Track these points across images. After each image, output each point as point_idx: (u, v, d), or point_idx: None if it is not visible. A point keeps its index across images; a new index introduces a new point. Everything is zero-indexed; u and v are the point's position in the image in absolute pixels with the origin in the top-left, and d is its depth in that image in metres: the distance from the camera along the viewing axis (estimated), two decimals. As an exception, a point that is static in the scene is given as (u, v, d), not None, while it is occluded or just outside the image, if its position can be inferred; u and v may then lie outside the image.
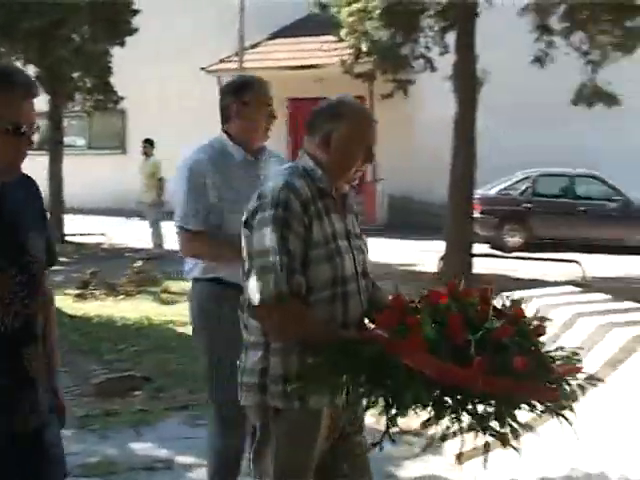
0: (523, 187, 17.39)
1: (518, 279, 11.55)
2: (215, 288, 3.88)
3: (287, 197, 2.76)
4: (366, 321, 2.93)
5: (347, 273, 2.90)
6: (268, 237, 2.74)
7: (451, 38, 12.58)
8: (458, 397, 2.55)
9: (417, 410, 2.56)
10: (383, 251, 14.95)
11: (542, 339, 2.82)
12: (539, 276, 12.07)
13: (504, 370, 2.55)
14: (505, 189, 17.52)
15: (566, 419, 2.65)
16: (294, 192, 2.78)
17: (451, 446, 5.50)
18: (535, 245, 16.61)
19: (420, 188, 19.16)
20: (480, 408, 2.57)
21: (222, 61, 21.13)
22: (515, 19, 13.01)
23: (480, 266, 12.79)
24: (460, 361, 2.53)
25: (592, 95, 12.29)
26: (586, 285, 10.70)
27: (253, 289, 2.76)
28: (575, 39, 12.28)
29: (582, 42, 12.26)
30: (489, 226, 16.83)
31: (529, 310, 2.97)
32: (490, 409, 2.57)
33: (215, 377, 3.93)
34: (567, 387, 2.68)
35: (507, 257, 14.76)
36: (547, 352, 2.79)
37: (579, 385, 2.70)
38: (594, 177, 17.57)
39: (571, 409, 2.67)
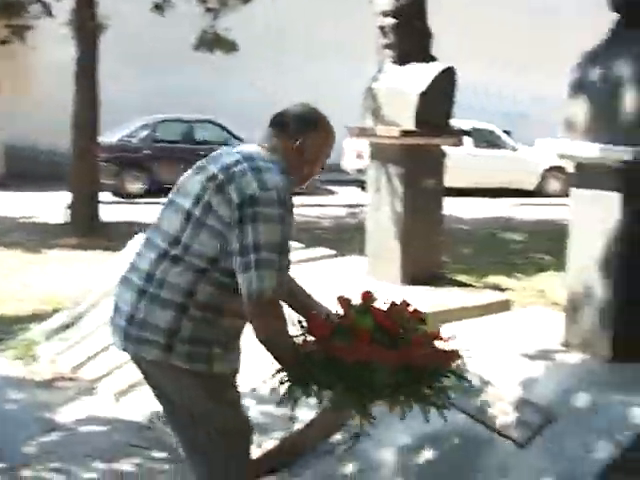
0: (143, 134, 17.50)
1: (148, 224, 11.68)
2: None
3: (289, 199, 2.84)
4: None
5: None
6: (277, 234, 2.78)
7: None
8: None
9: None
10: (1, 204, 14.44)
11: None
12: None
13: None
14: (126, 136, 17.51)
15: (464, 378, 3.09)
16: (290, 194, 2.87)
17: (105, 385, 5.64)
18: (158, 191, 16.88)
19: (44, 137, 18.42)
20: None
21: None
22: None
23: (107, 214, 12.82)
24: (395, 345, 2.92)
25: (212, 42, 12.72)
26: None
27: (256, 279, 2.75)
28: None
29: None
30: (111, 174, 16.80)
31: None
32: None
33: None
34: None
35: (134, 203, 14.88)
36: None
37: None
38: (211, 122, 18.24)
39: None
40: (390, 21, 5.34)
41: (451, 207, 16.09)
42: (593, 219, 3.99)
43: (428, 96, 5.18)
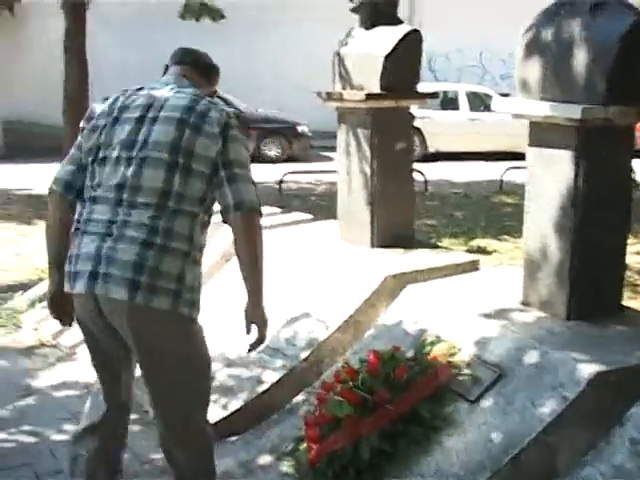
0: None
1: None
2: None
3: None
4: None
5: None
6: (246, 153, 3.13)
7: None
8: None
9: None
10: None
11: None
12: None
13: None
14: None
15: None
16: None
17: (85, 351, 5.71)
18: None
19: (38, 111, 18.40)
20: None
21: None
22: None
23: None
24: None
25: (199, 10, 12.64)
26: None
27: (246, 194, 3.01)
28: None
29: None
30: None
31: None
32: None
33: None
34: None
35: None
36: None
37: None
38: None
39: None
40: (358, -15, 5.36)
41: (447, 171, 16.24)
42: (547, 178, 4.02)
43: (393, 59, 5.19)
